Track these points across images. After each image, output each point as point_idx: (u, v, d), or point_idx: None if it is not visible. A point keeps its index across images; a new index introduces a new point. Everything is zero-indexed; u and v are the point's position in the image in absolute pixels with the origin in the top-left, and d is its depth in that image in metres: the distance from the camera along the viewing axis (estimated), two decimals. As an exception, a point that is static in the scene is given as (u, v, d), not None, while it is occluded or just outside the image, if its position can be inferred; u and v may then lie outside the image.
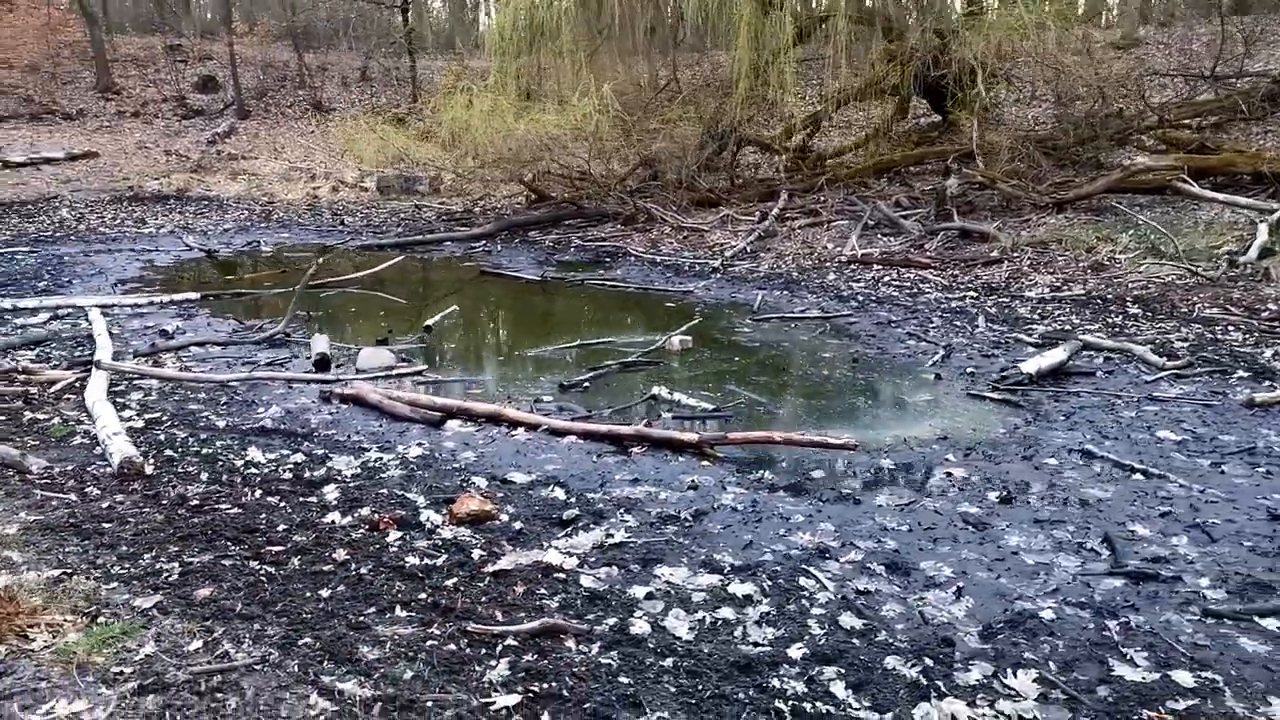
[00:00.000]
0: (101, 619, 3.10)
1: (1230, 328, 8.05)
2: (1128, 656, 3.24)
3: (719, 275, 11.37)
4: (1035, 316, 8.71)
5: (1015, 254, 11.30)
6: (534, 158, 14.33)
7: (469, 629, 3.17)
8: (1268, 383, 6.52)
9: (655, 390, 6.53)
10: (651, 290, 10.57)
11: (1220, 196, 11.41)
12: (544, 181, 15.59)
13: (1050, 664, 3.19)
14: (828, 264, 11.63)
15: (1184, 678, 3.11)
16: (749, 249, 12.49)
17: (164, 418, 5.72)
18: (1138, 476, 4.98)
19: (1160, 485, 4.84)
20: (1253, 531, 4.27)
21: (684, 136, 14.70)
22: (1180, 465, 5.13)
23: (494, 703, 2.75)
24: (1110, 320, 8.46)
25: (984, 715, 2.90)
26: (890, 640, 3.33)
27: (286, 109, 28.92)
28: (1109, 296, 9.36)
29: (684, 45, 17.93)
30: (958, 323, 8.57)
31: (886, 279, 10.66)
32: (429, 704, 2.72)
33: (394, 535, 4.06)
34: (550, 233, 14.70)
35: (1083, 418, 5.97)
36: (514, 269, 12.00)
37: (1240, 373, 6.79)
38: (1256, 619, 3.49)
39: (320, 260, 9.48)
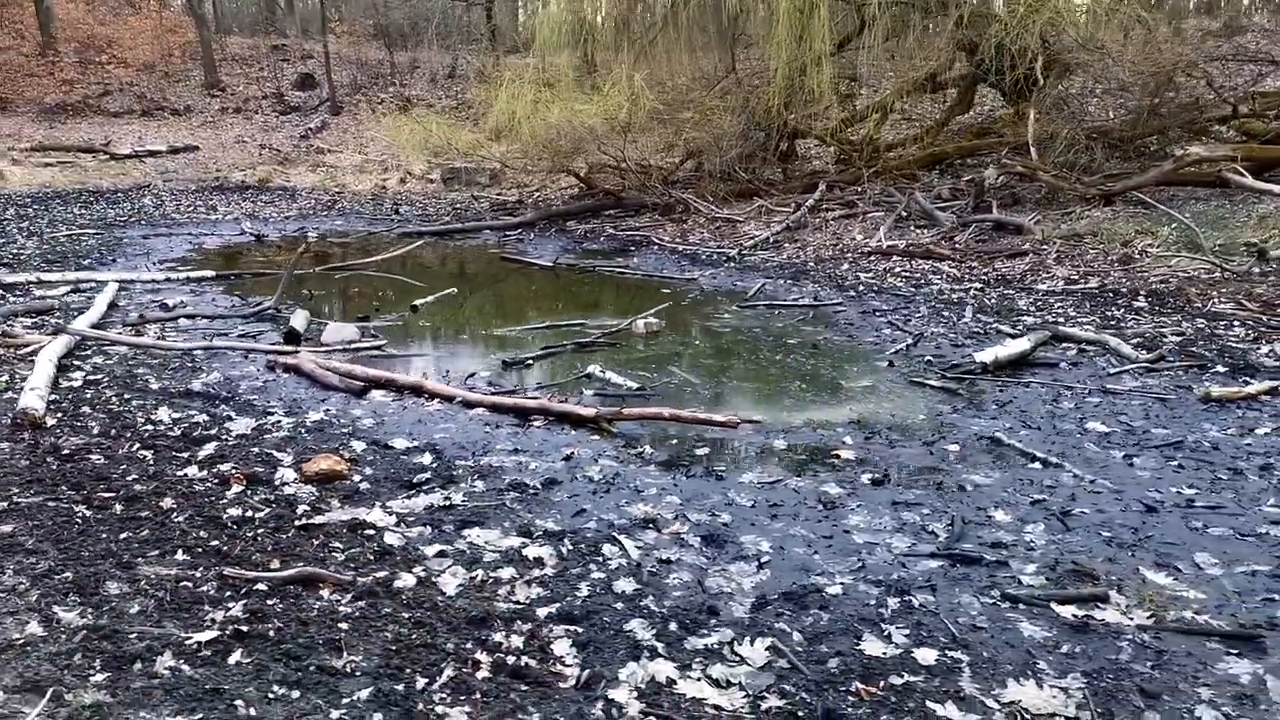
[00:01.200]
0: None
1: (1236, 324, 7.58)
2: (885, 633, 3.12)
3: (733, 264, 11.27)
4: (1032, 309, 8.36)
5: (1045, 247, 10.85)
6: (573, 149, 14.44)
7: (225, 573, 3.27)
8: (1245, 378, 6.13)
9: (590, 369, 6.55)
10: (656, 278, 10.56)
11: (1274, 188, 10.70)
12: (598, 174, 15.69)
13: (797, 635, 3.11)
14: (848, 255, 11.40)
15: (927, 655, 2.99)
16: (773, 240, 12.34)
17: (105, 379, 6.04)
18: (1035, 465, 4.77)
19: (1053, 475, 4.63)
20: (1119, 523, 4.05)
21: (724, 128, 14.55)
22: (1090, 456, 4.89)
23: (190, 638, 2.84)
24: (1111, 314, 8.06)
25: (689, 677, 2.84)
26: (652, 606, 3.29)
27: (376, 105, 29.85)
28: (1123, 290, 8.91)
29: (743, 40, 17.75)
30: (946, 313, 8.30)
31: (898, 270, 10.39)
32: (133, 635, 2.83)
33: (236, 489, 4.20)
34: (589, 223, 14.82)
35: (1016, 407, 5.73)
36: (534, 256, 12.16)
37: (1218, 368, 6.39)
38: (1054, 605, 3.31)
39: (305, 246, 9.78)
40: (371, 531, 3.81)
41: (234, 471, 4.39)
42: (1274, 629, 3.19)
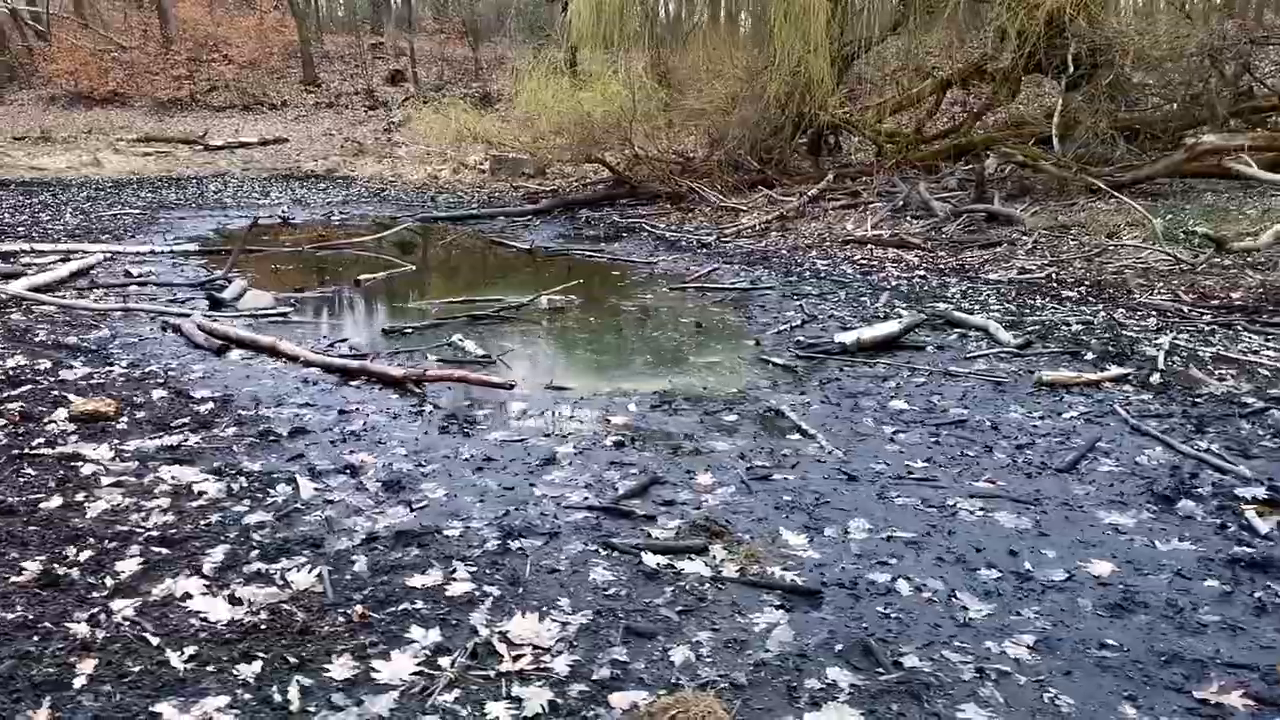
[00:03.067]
0: None
1: (1154, 314, 7.22)
2: (452, 569, 3.22)
3: (704, 251, 11.27)
4: (957, 297, 8.12)
5: (1025, 238, 10.46)
6: (587, 137, 14.64)
7: (-110, 485, 3.60)
8: (1104, 366, 5.87)
9: (454, 338, 6.74)
10: (621, 261, 10.67)
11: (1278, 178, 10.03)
12: (623, 163, 15.86)
13: (365, 566, 3.22)
14: (825, 244, 11.24)
15: (461, 587, 3.09)
16: (760, 228, 12.26)
17: (-1, 331, 6.59)
18: (794, 436, 4.72)
19: (801, 445, 4.58)
20: (811, 489, 4.01)
21: (734, 118, 14.50)
22: (859, 430, 4.82)
23: None
24: (1031, 303, 7.78)
25: (213, 594, 3.00)
26: (259, 537, 3.46)
27: (459, 99, 30.69)
28: (1068, 281, 8.56)
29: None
30: (864, 298, 8.14)
31: (859, 258, 10.20)
32: None
33: (1, 423, 4.57)
34: (601, 210, 15.02)
35: (837, 385, 5.65)
36: (523, 240, 12.40)
37: (1088, 356, 6.14)
38: (645, 554, 3.33)
39: (253, 225, 10.36)
40: (78, 463, 4.10)
41: (17, 410, 4.75)
42: (849, 588, 3.13)
